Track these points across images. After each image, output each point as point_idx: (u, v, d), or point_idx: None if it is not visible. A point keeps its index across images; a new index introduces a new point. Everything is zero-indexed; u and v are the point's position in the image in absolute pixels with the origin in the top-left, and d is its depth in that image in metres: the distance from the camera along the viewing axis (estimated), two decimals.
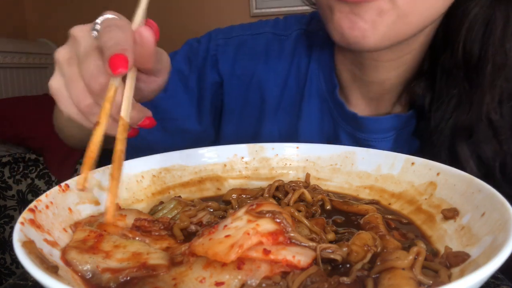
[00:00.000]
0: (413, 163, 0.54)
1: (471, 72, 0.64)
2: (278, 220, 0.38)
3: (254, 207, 0.39)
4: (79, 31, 0.47)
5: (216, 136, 0.89)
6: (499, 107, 0.63)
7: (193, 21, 2.56)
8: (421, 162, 0.53)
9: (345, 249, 0.38)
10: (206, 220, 0.47)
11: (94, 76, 0.43)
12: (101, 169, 0.50)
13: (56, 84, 0.47)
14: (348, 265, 0.37)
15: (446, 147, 0.66)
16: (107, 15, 0.47)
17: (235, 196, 0.56)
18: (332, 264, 0.37)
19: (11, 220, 1.96)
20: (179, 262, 0.38)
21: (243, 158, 0.64)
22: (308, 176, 0.62)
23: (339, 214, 0.51)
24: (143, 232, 0.43)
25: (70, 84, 0.45)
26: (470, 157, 0.64)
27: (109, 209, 0.43)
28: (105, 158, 0.44)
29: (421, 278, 0.33)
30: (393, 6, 0.56)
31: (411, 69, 0.71)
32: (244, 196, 0.55)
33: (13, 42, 2.50)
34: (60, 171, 1.96)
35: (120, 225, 0.44)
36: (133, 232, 0.43)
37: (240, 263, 0.35)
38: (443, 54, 0.67)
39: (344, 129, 0.76)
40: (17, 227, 0.36)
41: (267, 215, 0.38)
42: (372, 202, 0.54)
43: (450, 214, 0.44)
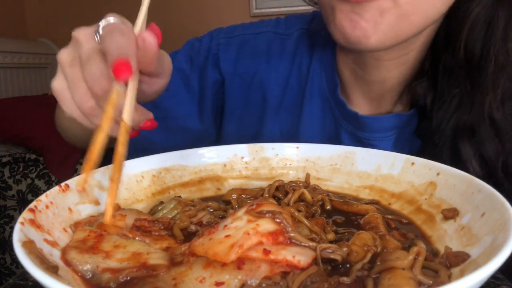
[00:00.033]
0: (413, 163, 0.54)
1: (473, 72, 0.64)
2: (278, 220, 0.38)
3: (254, 207, 0.39)
4: (82, 34, 0.47)
5: (218, 135, 0.89)
6: (501, 107, 0.63)
7: (193, 21, 2.56)
8: (421, 162, 0.53)
9: (345, 249, 0.38)
10: (206, 220, 0.47)
11: (97, 80, 0.43)
12: (101, 169, 0.50)
13: (59, 86, 0.47)
14: (348, 265, 0.37)
15: (448, 147, 0.66)
16: (110, 19, 0.46)
17: (235, 196, 0.56)
18: (332, 264, 0.37)
19: (11, 220, 1.96)
20: (179, 262, 0.38)
21: (243, 158, 0.64)
22: (308, 176, 0.62)
23: (339, 214, 0.51)
24: (143, 232, 0.43)
25: (73, 86, 0.46)
26: (473, 157, 0.64)
27: (108, 211, 0.43)
28: (106, 157, 0.44)
29: (421, 278, 0.33)
30: (395, 6, 0.56)
31: (413, 68, 0.71)
32: (244, 196, 0.55)
33: (13, 42, 2.51)
34: (60, 171, 1.96)
35: (120, 225, 0.44)
36: (133, 232, 0.43)
37: (240, 263, 0.35)
38: (445, 54, 0.67)
39: (346, 129, 0.76)
40: (17, 227, 0.36)
41: (267, 215, 0.38)
42: (372, 202, 0.54)
43: (450, 214, 0.44)
